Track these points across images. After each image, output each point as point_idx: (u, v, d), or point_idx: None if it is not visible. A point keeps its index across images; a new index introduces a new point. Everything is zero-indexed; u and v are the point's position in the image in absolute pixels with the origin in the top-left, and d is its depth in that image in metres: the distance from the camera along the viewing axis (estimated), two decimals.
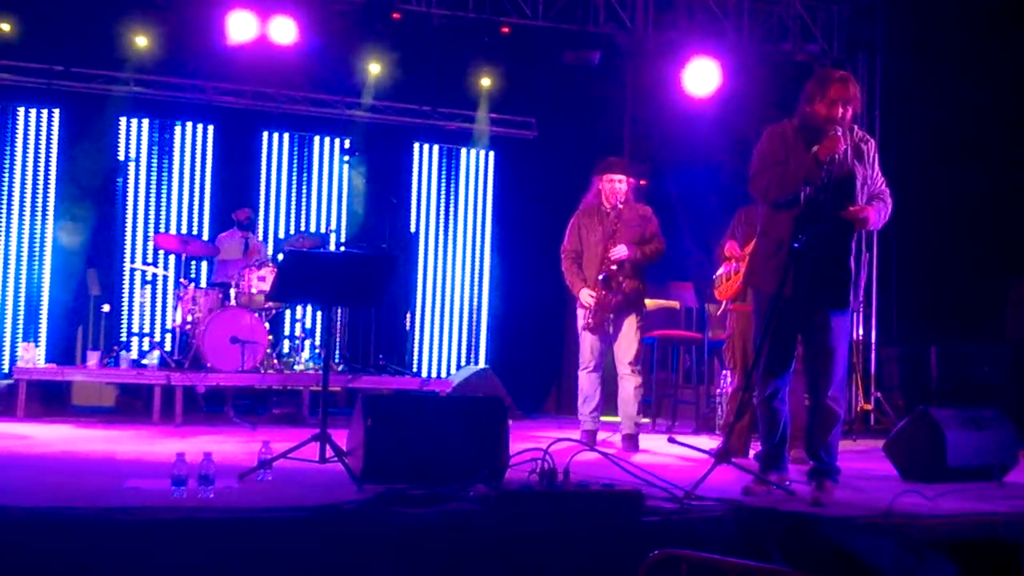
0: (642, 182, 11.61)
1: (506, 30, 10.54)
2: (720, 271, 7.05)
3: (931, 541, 4.26)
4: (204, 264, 10.80)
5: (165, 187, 11.01)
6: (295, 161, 11.45)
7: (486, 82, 11.52)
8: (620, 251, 7.07)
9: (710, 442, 7.34)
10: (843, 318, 5.15)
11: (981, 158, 10.78)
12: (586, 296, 7.12)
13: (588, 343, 7.23)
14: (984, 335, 11.01)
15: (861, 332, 10.84)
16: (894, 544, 4.14)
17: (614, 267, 7.08)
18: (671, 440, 5.94)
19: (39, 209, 10.63)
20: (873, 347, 10.80)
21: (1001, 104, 10.63)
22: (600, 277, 7.08)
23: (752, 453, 6.39)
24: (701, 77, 10.43)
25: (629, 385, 7.17)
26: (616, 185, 7.17)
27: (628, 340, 7.17)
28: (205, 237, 10.52)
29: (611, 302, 7.09)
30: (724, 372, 7.93)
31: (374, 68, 11.01)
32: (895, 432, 6.21)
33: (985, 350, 10.53)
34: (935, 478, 5.66)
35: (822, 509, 4.70)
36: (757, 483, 5.16)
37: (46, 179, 10.65)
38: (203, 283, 10.22)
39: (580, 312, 7.28)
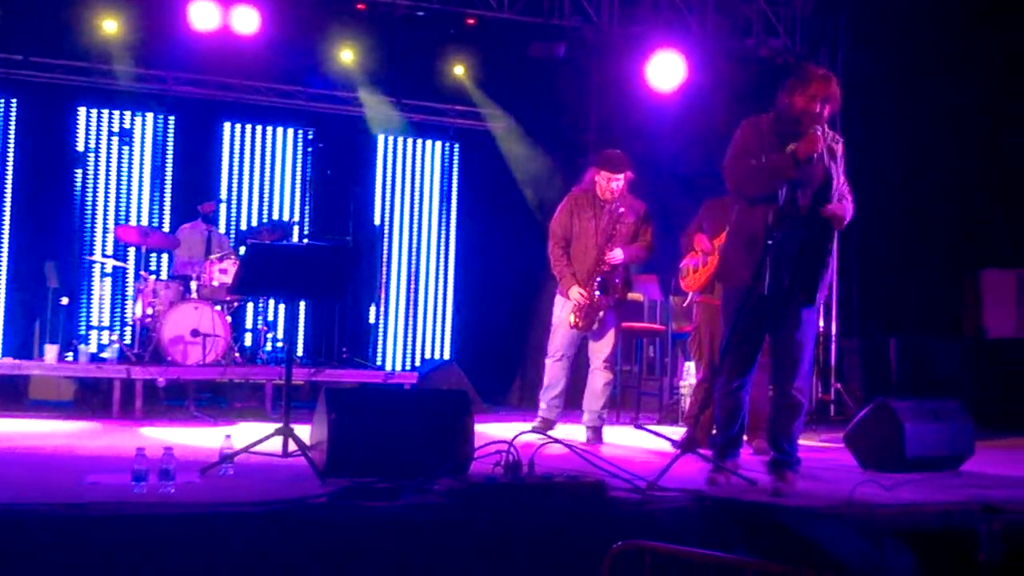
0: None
1: (472, 22, 10.52)
2: (686, 262, 7.08)
3: (890, 530, 4.30)
4: (165, 256, 10.70)
5: (125, 178, 10.91)
6: (257, 152, 11.38)
7: (451, 74, 11.50)
8: (617, 256, 7.00)
9: (674, 432, 7.38)
10: (812, 312, 5.21)
11: (941, 154, 10.88)
12: (576, 295, 7.01)
13: (564, 335, 7.15)
14: (942, 328, 11.13)
15: (822, 324, 10.91)
16: (854, 533, 4.18)
17: (608, 269, 7.04)
18: (638, 426, 5.98)
19: None
20: (834, 339, 10.89)
21: (962, 100, 10.73)
22: (597, 280, 7.02)
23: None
24: (666, 71, 10.47)
25: (600, 380, 7.16)
26: (613, 183, 7.03)
27: (609, 337, 7.14)
28: (166, 229, 10.43)
29: (604, 304, 7.06)
30: (688, 364, 7.97)
31: (338, 59, 10.96)
32: (855, 423, 6.27)
33: (943, 343, 10.65)
34: (894, 468, 5.72)
35: (784, 499, 4.74)
36: (717, 472, 5.20)
37: (3, 170, 10.52)
38: (164, 275, 10.14)
39: (562, 302, 7.16)
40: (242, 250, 9.62)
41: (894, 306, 10.98)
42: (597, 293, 6.98)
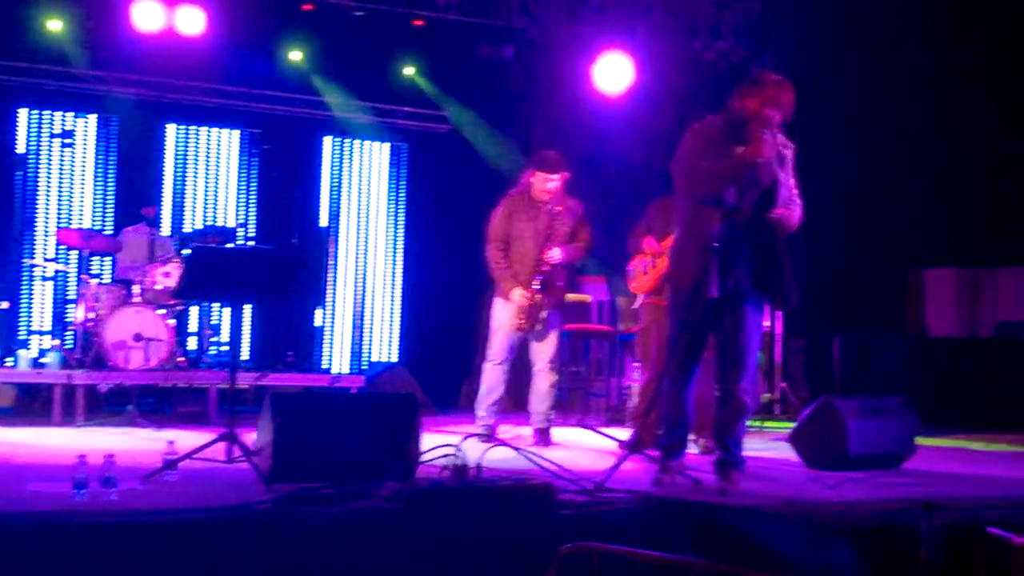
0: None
1: (419, 23, 10.51)
2: (634, 264, 7.10)
3: (834, 528, 4.35)
4: (107, 260, 10.56)
5: (67, 181, 10.75)
6: (202, 154, 11.27)
7: (399, 75, 11.47)
8: (556, 255, 7.01)
9: (621, 433, 7.41)
10: (759, 315, 5.26)
11: (884, 153, 11.03)
12: (518, 296, 7.00)
13: (505, 338, 7.13)
14: (885, 326, 11.28)
15: (767, 323, 11.00)
16: (798, 532, 4.22)
17: (548, 269, 7.04)
18: (585, 427, 6.00)
19: None
20: (778, 338, 10.98)
21: (905, 101, 10.88)
22: (538, 279, 7.01)
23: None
24: (613, 73, 10.52)
25: (546, 381, 7.15)
26: (549, 184, 7.02)
27: (552, 338, 7.14)
28: (108, 232, 10.30)
29: (546, 304, 7.06)
30: (635, 365, 8.00)
31: (285, 60, 10.89)
32: (799, 422, 6.33)
33: (886, 341, 10.79)
34: (837, 466, 5.79)
35: (729, 499, 4.78)
36: (664, 472, 5.23)
37: None
38: (106, 279, 10.01)
39: (501, 305, 7.14)
40: (186, 253, 9.53)
41: (838, 305, 11.10)
42: (538, 292, 6.99)
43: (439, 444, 4.84)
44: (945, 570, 4.46)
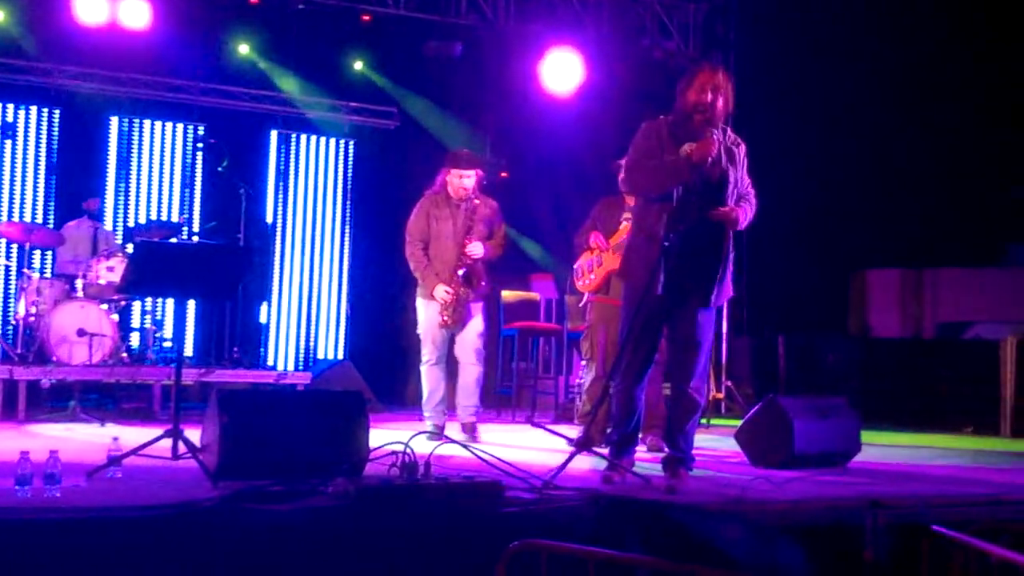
0: (503, 174, 11.71)
1: (367, 18, 10.47)
2: (581, 262, 7.12)
3: (780, 526, 4.38)
4: (49, 254, 10.40)
5: (7, 173, 10.58)
6: (146, 147, 11.12)
7: (347, 70, 11.40)
8: (477, 249, 7.04)
9: (570, 431, 7.42)
10: (710, 313, 5.29)
11: (829, 155, 11.16)
12: (442, 292, 7.01)
13: (435, 335, 7.13)
14: (829, 327, 11.41)
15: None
16: (745, 530, 4.24)
17: (470, 262, 7.05)
18: (533, 424, 5.99)
19: None
20: (724, 337, 11.07)
21: (849, 103, 11.02)
22: (461, 272, 7.02)
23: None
24: (562, 72, 10.54)
25: (472, 375, 7.14)
26: (464, 180, 7.07)
27: (474, 330, 7.14)
28: (51, 225, 10.15)
29: (468, 297, 7.07)
30: (583, 363, 8.02)
31: (231, 54, 10.79)
32: (746, 420, 6.37)
33: (830, 341, 10.92)
34: (783, 464, 5.83)
35: (677, 497, 4.80)
36: (612, 470, 5.24)
37: None
38: (48, 273, 9.86)
39: (425, 305, 7.15)
40: (130, 248, 9.41)
41: (783, 305, 11.22)
42: (461, 286, 7.00)
43: (387, 441, 4.81)
44: (890, 568, 4.51)
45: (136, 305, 9.83)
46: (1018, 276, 11.24)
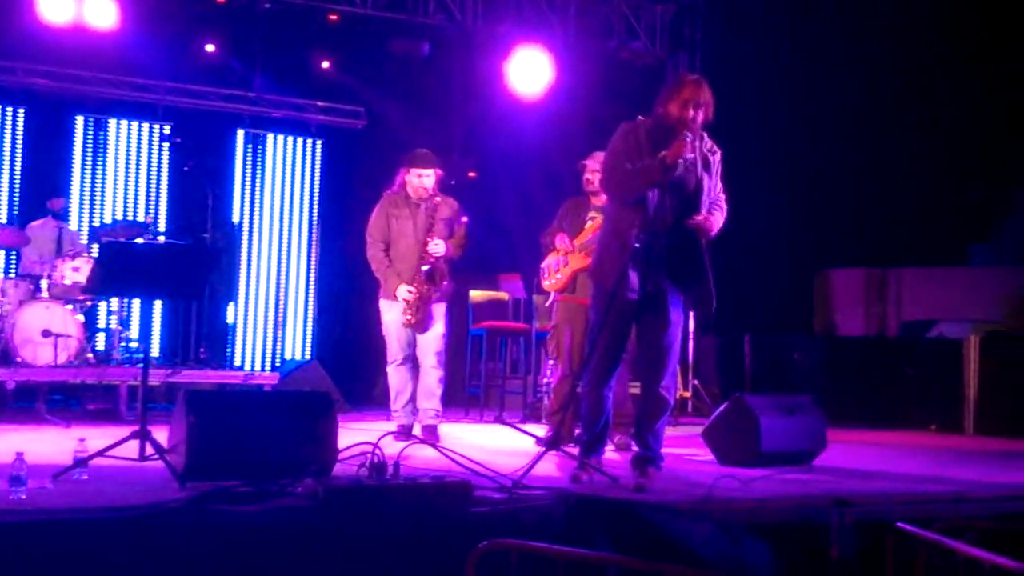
0: (470, 174, 11.72)
1: (334, 18, 10.44)
2: (548, 262, 7.14)
3: (748, 524, 4.41)
4: (14, 254, 10.31)
5: None
6: (111, 147, 11.04)
7: (314, 70, 11.37)
8: (439, 247, 7.03)
9: (538, 430, 7.44)
10: (681, 314, 5.35)
11: (792, 157, 11.24)
12: (404, 292, 7.00)
13: (399, 336, 7.13)
14: (795, 326, 11.49)
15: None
16: (713, 528, 4.27)
17: (432, 260, 7.04)
18: (503, 422, 6.00)
19: None
20: (691, 336, 11.12)
21: (815, 104, 11.10)
22: (424, 269, 7.02)
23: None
24: (530, 72, 10.56)
25: (434, 377, 7.13)
26: (424, 179, 7.07)
27: (435, 333, 7.13)
28: (15, 226, 10.05)
29: (432, 295, 7.06)
30: (550, 362, 8.04)
31: (198, 53, 10.73)
32: (713, 419, 6.41)
33: (795, 340, 10.99)
34: (750, 463, 5.88)
35: (645, 495, 4.82)
36: (581, 469, 5.27)
37: None
38: (13, 274, 9.77)
39: (388, 306, 7.14)
40: (95, 248, 9.34)
41: (749, 304, 11.28)
42: (424, 285, 6.99)
43: (356, 442, 4.81)
44: (856, 565, 4.56)
45: (102, 305, 9.75)
46: (980, 275, 11.37)
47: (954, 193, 11.16)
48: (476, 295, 9.90)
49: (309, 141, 11.86)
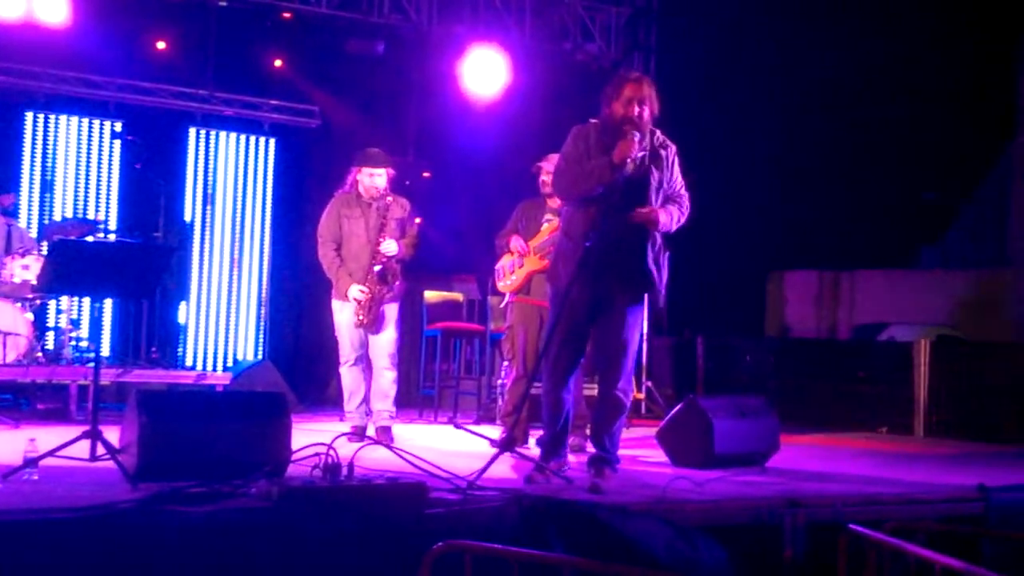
0: (425, 174, 11.70)
1: (288, 16, 10.39)
2: (503, 263, 7.14)
3: (702, 525, 4.44)
4: None
5: None
6: (62, 144, 10.90)
7: (267, 68, 11.30)
8: (391, 247, 7.02)
9: (492, 431, 7.45)
10: (637, 314, 5.37)
11: (746, 159, 11.33)
12: (356, 292, 6.97)
13: (351, 336, 7.10)
14: (748, 327, 11.58)
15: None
16: (667, 529, 4.29)
17: (384, 260, 7.03)
18: (456, 426, 6.00)
19: None
20: (645, 338, 11.17)
21: (766, 106, 11.20)
22: (376, 269, 7.00)
23: (533, 440, 6.52)
24: (485, 73, 10.57)
25: (387, 378, 7.11)
26: (376, 179, 7.05)
27: (390, 333, 7.11)
28: None
29: (384, 295, 7.04)
30: (504, 363, 8.04)
31: (150, 50, 10.62)
32: (666, 421, 6.44)
33: (748, 341, 11.09)
34: (704, 464, 5.91)
35: (600, 496, 4.84)
36: (538, 471, 5.28)
37: None
38: None
39: (340, 306, 7.11)
40: (45, 245, 9.23)
41: (702, 306, 11.36)
42: (376, 285, 6.98)
43: (310, 443, 4.79)
44: (809, 566, 4.60)
45: (52, 304, 9.63)
46: (931, 278, 11.53)
47: (906, 195, 11.31)
48: (430, 296, 9.88)
49: (262, 140, 11.76)
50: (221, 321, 11.48)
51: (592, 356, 5.59)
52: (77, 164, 10.91)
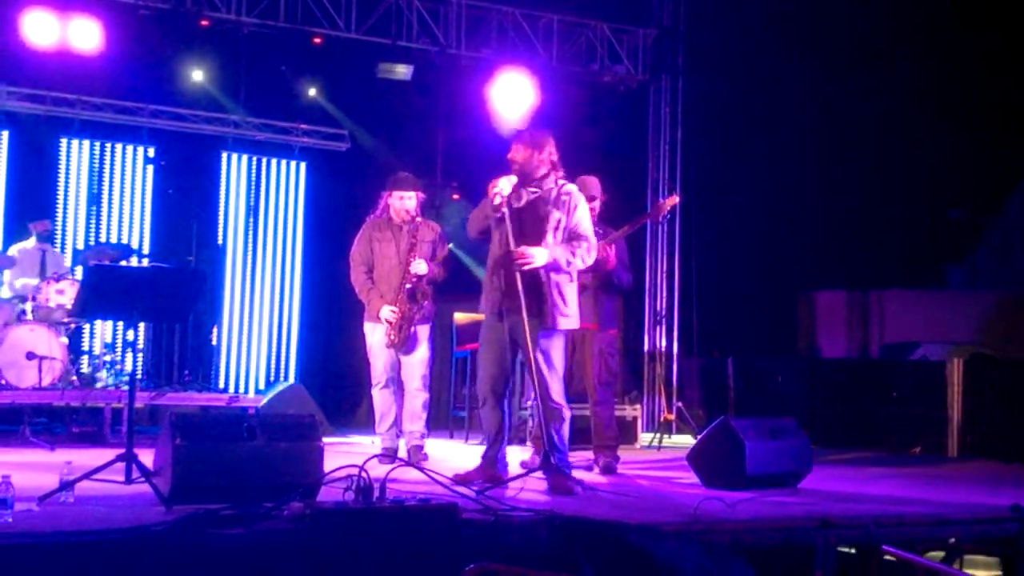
0: (455, 197, 11.75)
1: (318, 41, 10.49)
2: None
3: (733, 546, 4.43)
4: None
5: None
6: (96, 170, 11.03)
7: (298, 93, 11.41)
8: (421, 267, 7.07)
9: (523, 453, 7.46)
10: (547, 336, 5.81)
11: (775, 178, 11.31)
12: (388, 312, 7.03)
13: (383, 358, 7.14)
14: (779, 348, 11.53)
15: (663, 344, 11.19)
16: (697, 550, 4.29)
17: (415, 280, 7.07)
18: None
19: None
20: (675, 358, 11.16)
21: (794, 130, 11.19)
22: (407, 287, 7.04)
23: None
24: (512, 96, 10.63)
25: (419, 400, 7.15)
26: (405, 202, 7.12)
27: (420, 356, 7.16)
28: None
29: (415, 315, 7.08)
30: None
31: (182, 76, 10.75)
32: (698, 442, 6.43)
33: (779, 362, 11.03)
34: (736, 486, 5.88)
35: (630, 515, 4.84)
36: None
37: None
38: None
39: (372, 328, 7.17)
40: (79, 270, 9.33)
41: (732, 327, 11.33)
42: (407, 305, 7.02)
43: (341, 465, 4.81)
44: None
45: (86, 328, 9.72)
46: (959, 298, 11.45)
47: (934, 215, 11.25)
48: (460, 317, 9.90)
49: (293, 163, 11.87)
50: (253, 344, 11.56)
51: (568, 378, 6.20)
52: (111, 189, 11.04)
